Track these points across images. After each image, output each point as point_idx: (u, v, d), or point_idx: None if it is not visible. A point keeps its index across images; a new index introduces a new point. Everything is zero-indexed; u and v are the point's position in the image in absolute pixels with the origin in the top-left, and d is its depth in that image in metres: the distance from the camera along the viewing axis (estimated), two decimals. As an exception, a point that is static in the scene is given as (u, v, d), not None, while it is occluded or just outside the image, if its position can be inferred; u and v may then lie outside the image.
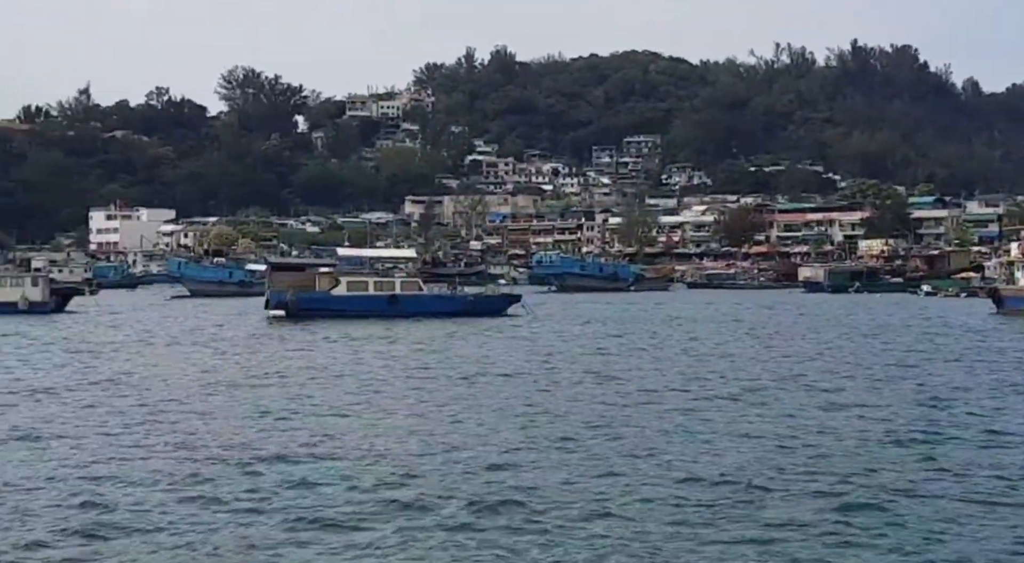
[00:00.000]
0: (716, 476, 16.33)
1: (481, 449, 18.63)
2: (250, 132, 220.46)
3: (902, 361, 34.53)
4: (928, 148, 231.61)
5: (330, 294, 60.43)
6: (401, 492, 15.43)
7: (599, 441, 19.42)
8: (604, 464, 17.33)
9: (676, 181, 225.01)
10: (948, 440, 19.58)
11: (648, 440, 19.51)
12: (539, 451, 18.44)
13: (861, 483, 15.91)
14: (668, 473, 16.63)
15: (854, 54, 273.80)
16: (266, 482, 16.14)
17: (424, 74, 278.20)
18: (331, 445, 19.13)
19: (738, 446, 18.89)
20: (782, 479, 16.21)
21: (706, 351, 38.99)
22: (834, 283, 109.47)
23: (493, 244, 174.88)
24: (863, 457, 17.96)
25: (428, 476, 16.51)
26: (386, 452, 18.44)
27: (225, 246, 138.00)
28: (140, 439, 19.95)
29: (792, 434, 20.19)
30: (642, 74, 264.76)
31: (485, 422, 21.65)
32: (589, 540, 13.05)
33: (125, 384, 28.59)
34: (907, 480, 16.20)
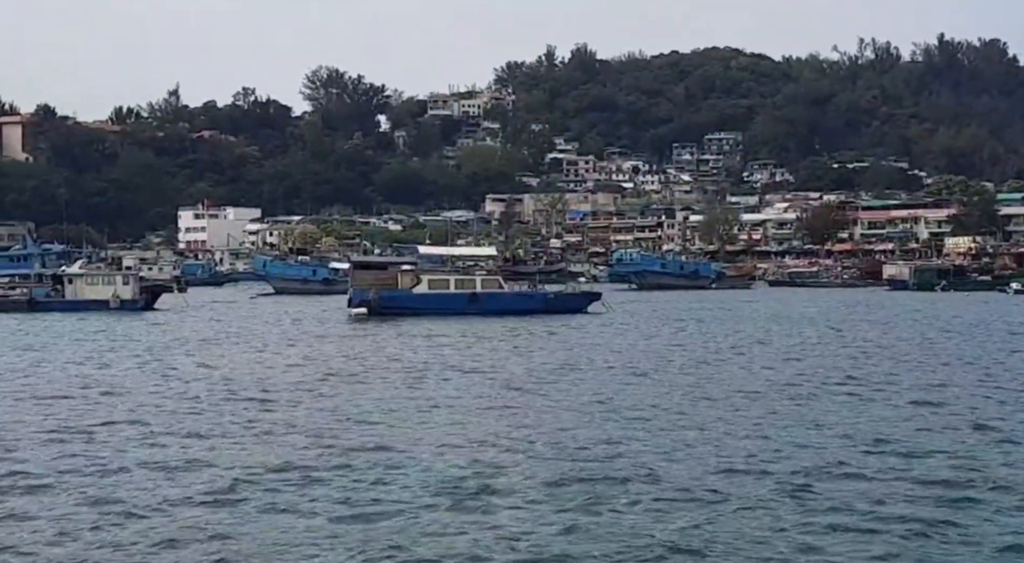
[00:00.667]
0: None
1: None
2: (333, 131, 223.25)
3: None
4: (1017, 143, 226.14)
5: (411, 292, 61.00)
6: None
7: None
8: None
9: (757, 178, 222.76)
10: None
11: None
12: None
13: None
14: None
15: (940, 49, 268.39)
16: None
17: (505, 72, 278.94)
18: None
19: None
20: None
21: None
22: (920, 281, 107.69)
23: (573, 242, 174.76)
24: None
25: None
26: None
27: (309, 244, 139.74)
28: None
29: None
30: (723, 71, 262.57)
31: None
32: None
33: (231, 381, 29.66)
34: None
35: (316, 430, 20.90)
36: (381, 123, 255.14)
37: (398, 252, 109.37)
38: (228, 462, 17.83)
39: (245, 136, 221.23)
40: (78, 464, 17.77)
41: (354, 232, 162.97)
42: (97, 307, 63.63)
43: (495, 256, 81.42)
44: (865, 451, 18.62)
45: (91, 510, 14.79)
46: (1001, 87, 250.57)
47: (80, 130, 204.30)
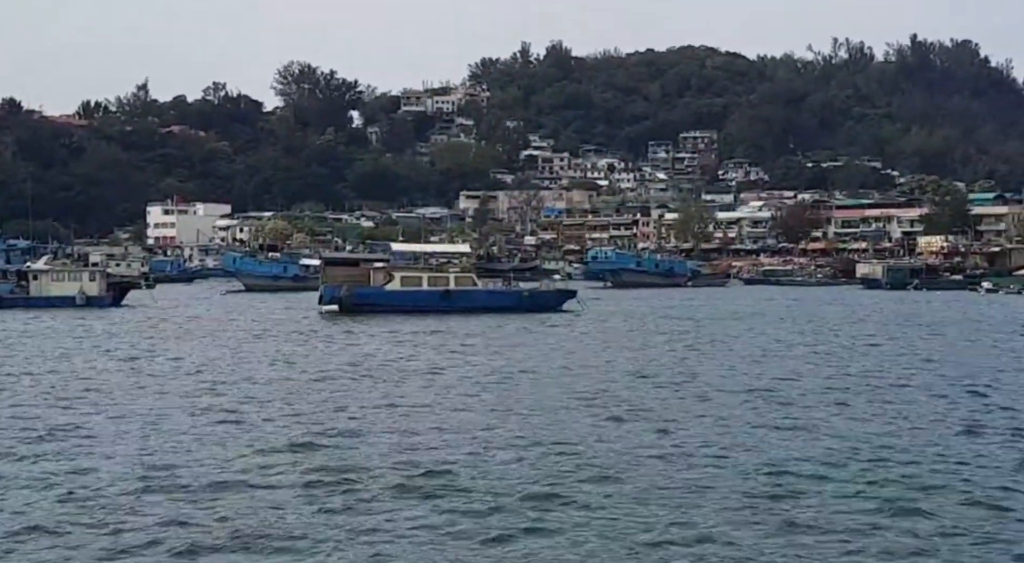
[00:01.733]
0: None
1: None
2: (305, 127, 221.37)
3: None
4: (989, 144, 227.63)
5: (384, 289, 60.28)
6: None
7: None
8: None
9: (732, 177, 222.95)
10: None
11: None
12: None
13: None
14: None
15: (913, 49, 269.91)
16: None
17: (479, 69, 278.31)
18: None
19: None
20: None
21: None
22: (893, 280, 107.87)
23: (548, 239, 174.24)
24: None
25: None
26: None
27: (280, 241, 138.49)
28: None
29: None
30: (699, 69, 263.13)
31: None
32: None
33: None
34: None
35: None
36: (354, 119, 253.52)
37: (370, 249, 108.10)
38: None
39: (215, 131, 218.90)
40: None
41: (326, 228, 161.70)
42: (63, 304, 62.42)
43: (469, 253, 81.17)
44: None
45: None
46: (973, 88, 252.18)
47: (47, 124, 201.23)
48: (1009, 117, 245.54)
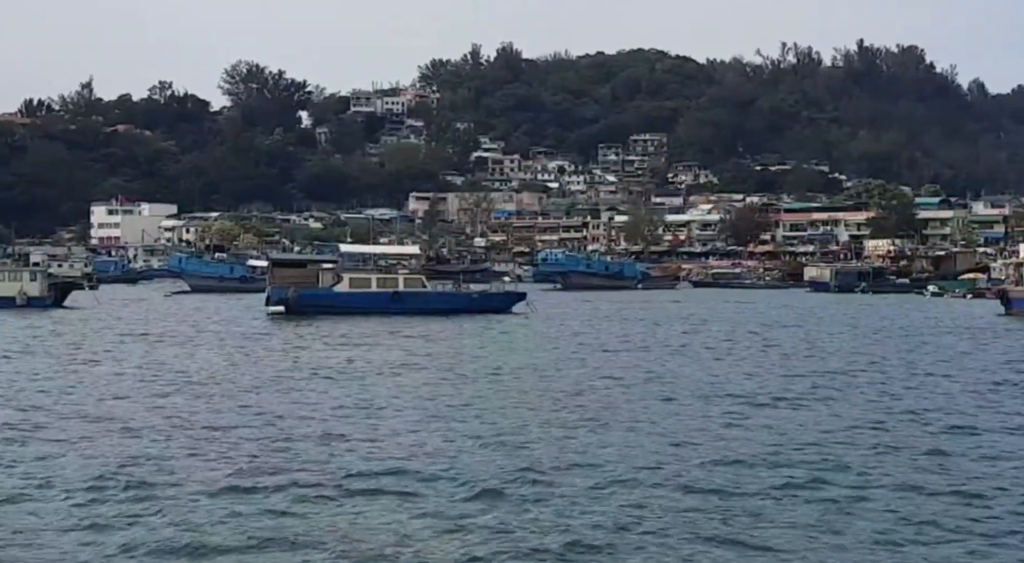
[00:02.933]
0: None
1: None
2: (253, 127, 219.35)
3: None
4: (934, 149, 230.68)
5: (332, 291, 59.79)
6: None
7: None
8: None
9: (682, 180, 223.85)
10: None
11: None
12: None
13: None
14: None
15: (860, 54, 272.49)
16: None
17: (429, 70, 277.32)
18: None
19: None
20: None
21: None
22: (840, 283, 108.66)
23: (498, 241, 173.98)
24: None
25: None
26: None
27: (227, 241, 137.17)
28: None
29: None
30: (649, 72, 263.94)
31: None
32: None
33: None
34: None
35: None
36: (303, 119, 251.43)
37: (319, 250, 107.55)
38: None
39: (162, 131, 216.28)
40: None
41: (274, 229, 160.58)
42: (3, 304, 61.09)
43: (418, 255, 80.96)
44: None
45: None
46: (919, 93, 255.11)
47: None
48: (953, 122, 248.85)
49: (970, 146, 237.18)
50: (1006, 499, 15.00)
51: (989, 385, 27.95)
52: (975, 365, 33.50)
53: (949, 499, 14.96)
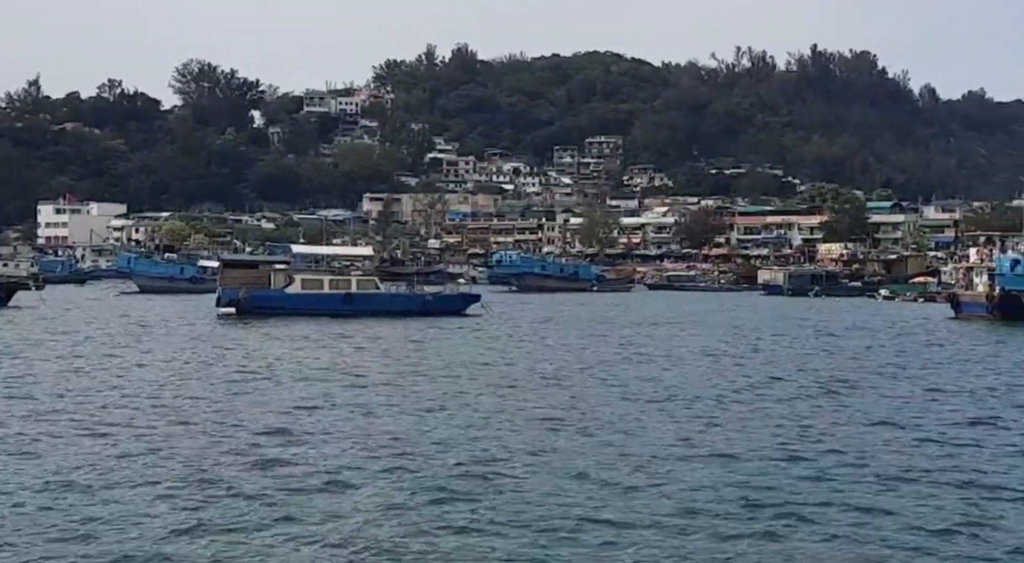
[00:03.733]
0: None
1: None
2: (205, 126, 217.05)
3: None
4: (886, 153, 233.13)
5: (284, 292, 58.96)
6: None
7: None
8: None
9: (637, 182, 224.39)
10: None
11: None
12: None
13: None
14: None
15: (814, 59, 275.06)
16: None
17: (384, 71, 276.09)
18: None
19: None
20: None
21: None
22: (794, 286, 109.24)
23: (452, 243, 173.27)
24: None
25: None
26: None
27: (177, 242, 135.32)
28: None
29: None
30: (604, 75, 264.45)
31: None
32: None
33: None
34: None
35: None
36: (255, 119, 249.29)
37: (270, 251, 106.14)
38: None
39: (111, 129, 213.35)
40: None
41: (225, 230, 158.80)
42: (-54, 304, 59.51)
43: (371, 256, 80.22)
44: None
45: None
46: (871, 98, 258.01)
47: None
48: (905, 128, 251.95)
49: (921, 151, 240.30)
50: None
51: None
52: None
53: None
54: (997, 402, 25.23)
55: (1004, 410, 23.74)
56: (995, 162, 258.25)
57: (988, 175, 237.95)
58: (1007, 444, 19.41)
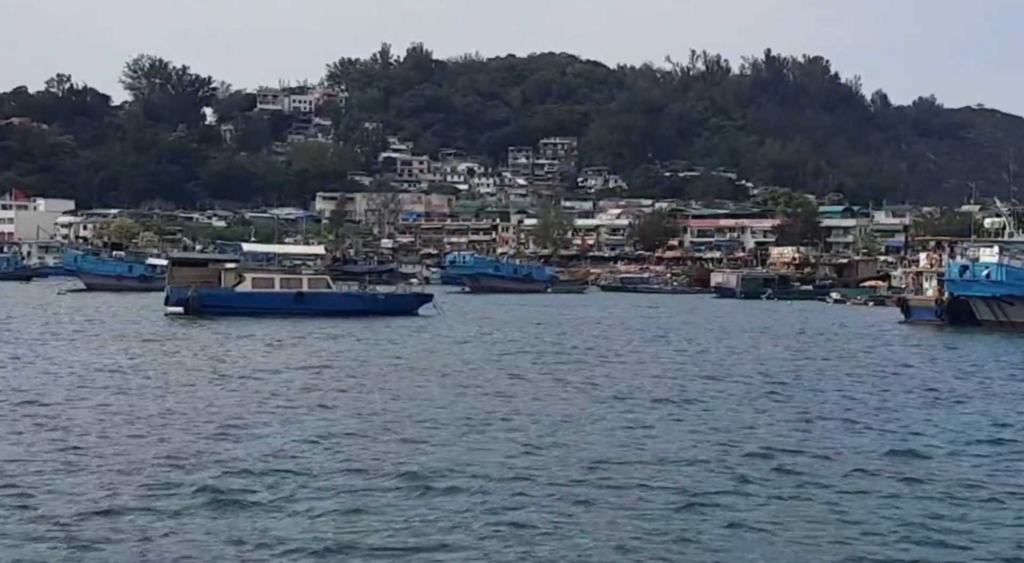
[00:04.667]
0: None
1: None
2: (156, 123, 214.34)
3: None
4: (838, 158, 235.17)
5: (234, 291, 58.15)
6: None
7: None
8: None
9: (592, 184, 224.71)
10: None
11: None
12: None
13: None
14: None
15: (767, 64, 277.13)
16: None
17: (338, 69, 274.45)
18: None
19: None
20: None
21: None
22: (746, 289, 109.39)
23: (406, 243, 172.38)
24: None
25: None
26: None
27: (126, 239, 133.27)
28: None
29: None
30: (559, 76, 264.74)
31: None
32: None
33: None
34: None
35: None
36: (207, 116, 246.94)
37: (221, 249, 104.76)
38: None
39: (59, 124, 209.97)
40: None
41: (176, 228, 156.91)
42: None
43: (323, 255, 79.48)
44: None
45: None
46: (824, 103, 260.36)
47: None
48: (857, 133, 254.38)
49: (873, 156, 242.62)
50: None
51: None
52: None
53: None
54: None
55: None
56: (945, 168, 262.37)
57: (938, 181, 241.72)
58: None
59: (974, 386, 29.66)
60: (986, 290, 57.16)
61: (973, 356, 40.33)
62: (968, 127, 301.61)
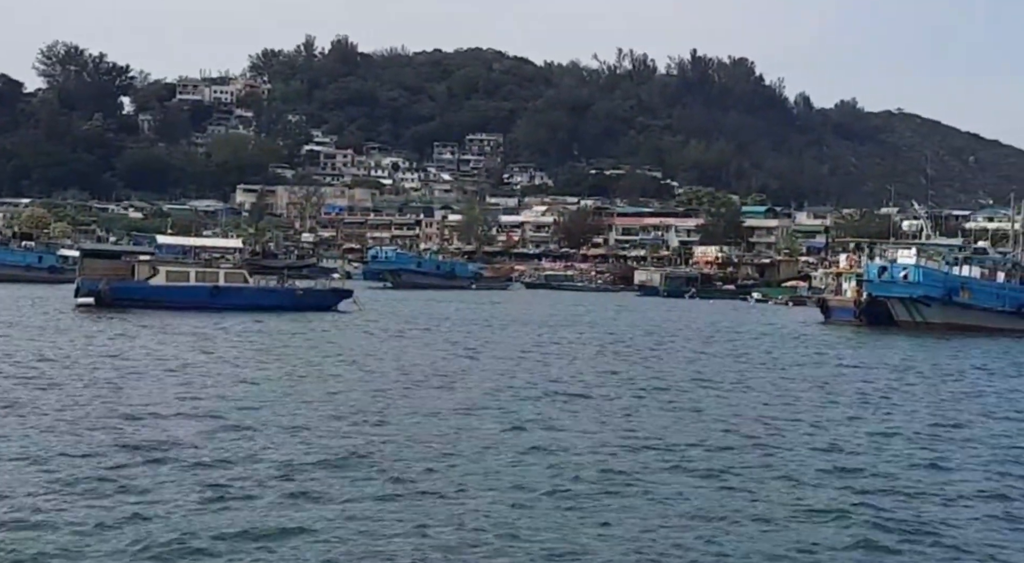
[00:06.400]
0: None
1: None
2: (71, 111, 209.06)
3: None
4: (761, 159, 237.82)
5: (147, 284, 56.47)
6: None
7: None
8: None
9: (517, 181, 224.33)
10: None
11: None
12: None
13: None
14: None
15: (693, 64, 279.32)
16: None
17: (261, 60, 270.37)
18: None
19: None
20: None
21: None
22: (670, 288, 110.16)
23: (327, 237, 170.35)
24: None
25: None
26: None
27: (38, 230, 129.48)
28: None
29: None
30: (486, 72, 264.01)
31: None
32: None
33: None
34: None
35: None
36: (124, 105, 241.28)
37: (136, 241, 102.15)
38: None
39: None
40: None
41: (91, 218, 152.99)
42: None
43: (241, 248, 77.90)
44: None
45: None
46: (748, 104, 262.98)
47: None
48: (780, 134, 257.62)
49: (795, 158, 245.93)
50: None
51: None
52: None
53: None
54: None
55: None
56: (865, 170, 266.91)
57: (858, 183, 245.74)
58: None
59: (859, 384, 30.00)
60: (903, 291, 57.69)
61: (865, 357, 40.52)
62: (888, 131, 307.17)
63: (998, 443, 20.33)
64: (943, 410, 24.93)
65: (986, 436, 21.14)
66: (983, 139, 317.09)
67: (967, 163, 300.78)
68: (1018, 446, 20.08)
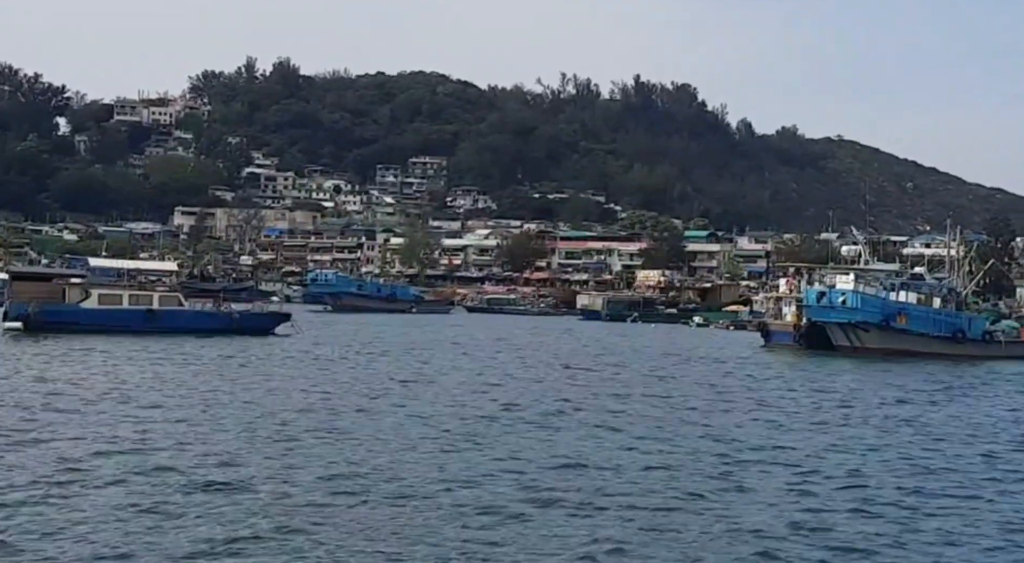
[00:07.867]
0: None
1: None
2: (4, 131, 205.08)
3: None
4: (704, 184, 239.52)
5: (79, 307, 55.07)
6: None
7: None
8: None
9: (461, 204, 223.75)
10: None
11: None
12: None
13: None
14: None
15: (637, 89, 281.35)
16: None
17: (201, 81, 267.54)
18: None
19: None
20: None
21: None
22: (612, 312, 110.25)
23: (267, 260, 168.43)
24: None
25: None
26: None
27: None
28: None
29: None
30: (430, 95, 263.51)
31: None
32: None
33: None
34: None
35: None
36: (60, 126, 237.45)
37: (69, 264, 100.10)
38: None
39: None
40: None
41: (23, 240, 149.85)
42: None
43: (177, 271, 76.55)
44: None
45: None
46: (691, 129, 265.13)
47: None
48: (722, 159, 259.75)
49: (737, 183, 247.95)
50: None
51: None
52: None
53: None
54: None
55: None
56: (806, 196, 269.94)
57: (799, 208, 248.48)
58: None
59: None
60: (842, 316, 57.94)
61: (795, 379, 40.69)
62: (828, 157, 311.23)
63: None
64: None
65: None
66: (921, 166, 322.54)
67: (905, 190, 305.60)
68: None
